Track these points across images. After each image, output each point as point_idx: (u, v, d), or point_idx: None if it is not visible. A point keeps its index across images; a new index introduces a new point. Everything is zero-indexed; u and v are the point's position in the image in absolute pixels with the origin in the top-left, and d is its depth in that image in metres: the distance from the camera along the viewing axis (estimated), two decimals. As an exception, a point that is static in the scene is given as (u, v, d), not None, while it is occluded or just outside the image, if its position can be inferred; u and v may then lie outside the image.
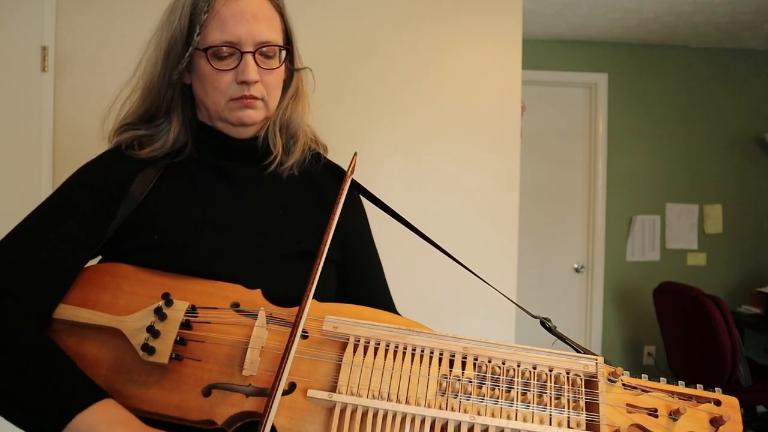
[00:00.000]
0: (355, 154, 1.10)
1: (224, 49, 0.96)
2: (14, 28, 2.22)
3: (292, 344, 0.82)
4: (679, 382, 0.84)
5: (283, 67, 1.04)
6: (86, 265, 0.95)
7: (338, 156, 1.20)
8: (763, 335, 4.24)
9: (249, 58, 0.96)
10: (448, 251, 1.08)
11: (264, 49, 0.98)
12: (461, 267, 1.09)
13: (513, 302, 1.09)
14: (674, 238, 4.42)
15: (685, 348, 3.67)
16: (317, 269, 0.89)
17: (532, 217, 4.26)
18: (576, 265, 4.46)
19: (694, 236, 4.42)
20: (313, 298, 0.90)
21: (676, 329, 3.73)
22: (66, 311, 0.88)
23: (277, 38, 1.01)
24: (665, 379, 0.84)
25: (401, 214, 1.11)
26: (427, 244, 1.10)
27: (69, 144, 2.25)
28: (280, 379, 0.79)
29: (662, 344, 4.00)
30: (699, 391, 0.83)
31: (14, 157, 2.22)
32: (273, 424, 0.78)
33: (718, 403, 0.82)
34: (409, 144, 2.47)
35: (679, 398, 0.83)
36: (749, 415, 3.77)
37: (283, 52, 1.04)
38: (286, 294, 0.92)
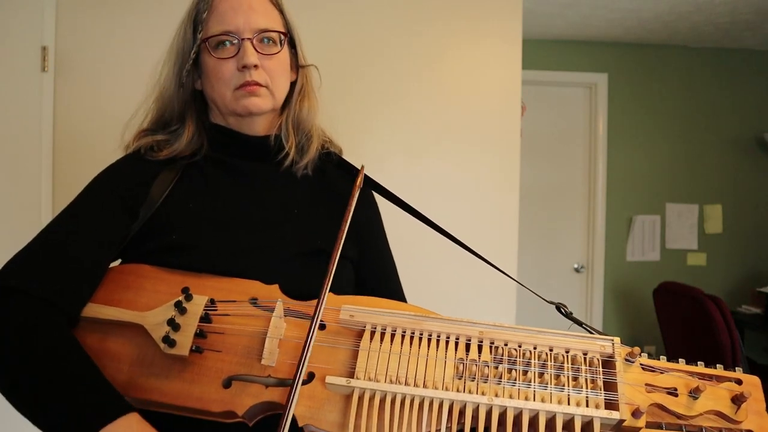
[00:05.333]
0: (363, 167, 1.13)
1: (224, 38, 1.01)
2: (14, 28, 2.22)
3: (312, 335, 0.82)
4: (699, 362, 0.84)
5: (285, 53, 1.08)
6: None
7: (340, 156, 1.21)
8: (763, 335, 4.24)
9: (247, 43, 1.01)
10: (463, 241, 1.09)
11: (262, 35, 1.02)
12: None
13: (529, 290, 1.08)
14: (674, 238, 4.42)
15: (685, 348, 3.67)
16: (331, 270, 0.91)
17: (532, 217, 4.26)
18: (576, 265, 4.46)
19: (694, 236, 4.42)
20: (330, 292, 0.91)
21: (676, 329, 3.73)
22: (91, 309, 0.90)
23: (276, 26, 1.05)
24: (683, 360, 0.84)
25: (407, 210, 1.13)
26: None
27: (69, 144, 2.25)
28: (301, 371, 0.79)
29: (662, 344, 3.99)
30: (719, 370, 0.83)
31: (14, 157, 2.21)
32: (293, 413, 0.79)
33: (739, 382, 0.82)
34: (409, 144, 2.46)
35: (699, 378, 0.82)
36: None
37: (284, 40, 1.07)
38: (303, 290, 0.93)
